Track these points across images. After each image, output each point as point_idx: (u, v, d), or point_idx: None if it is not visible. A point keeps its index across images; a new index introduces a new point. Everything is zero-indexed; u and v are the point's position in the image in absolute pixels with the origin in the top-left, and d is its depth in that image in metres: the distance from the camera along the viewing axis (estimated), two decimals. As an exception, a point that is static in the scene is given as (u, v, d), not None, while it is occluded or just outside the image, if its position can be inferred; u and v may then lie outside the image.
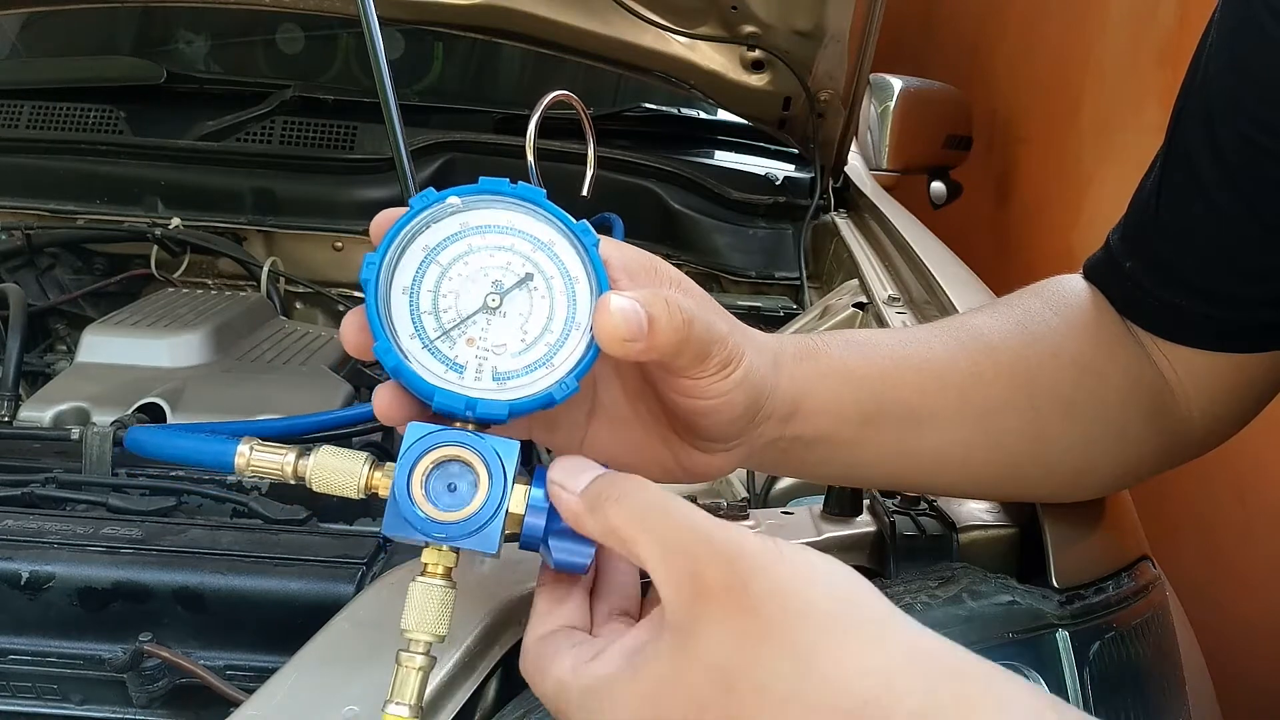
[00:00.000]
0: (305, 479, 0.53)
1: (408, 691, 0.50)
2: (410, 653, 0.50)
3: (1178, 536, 1.76)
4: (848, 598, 0.46)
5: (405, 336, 0.51)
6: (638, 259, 0.55)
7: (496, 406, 0.50)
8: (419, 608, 0.51)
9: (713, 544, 0.46)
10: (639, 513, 0.48)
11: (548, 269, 0.52)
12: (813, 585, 0.46)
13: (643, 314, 0.51)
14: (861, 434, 0.64)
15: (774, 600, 0.45)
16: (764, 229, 1.66)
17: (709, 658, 0.45)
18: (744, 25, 1.63)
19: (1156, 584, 0.78)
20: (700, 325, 0.53)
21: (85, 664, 0.70)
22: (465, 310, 0.52)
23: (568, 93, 0.58)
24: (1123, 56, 2.24)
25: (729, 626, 0.45)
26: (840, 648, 0.44)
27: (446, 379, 0.51)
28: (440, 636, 0.51)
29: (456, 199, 0.53)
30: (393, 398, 0.53)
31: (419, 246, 0.52)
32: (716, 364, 0.55)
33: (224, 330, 1.21)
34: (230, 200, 1.59)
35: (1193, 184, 0.67)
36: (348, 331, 0.53)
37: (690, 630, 0.45)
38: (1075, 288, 0.73)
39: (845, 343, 0.66)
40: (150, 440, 0.58)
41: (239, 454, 0.54)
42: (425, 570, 0.51)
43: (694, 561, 0.46)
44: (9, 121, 1.66)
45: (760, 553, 0.46)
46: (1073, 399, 0.69)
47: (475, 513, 0.50)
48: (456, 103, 1.85)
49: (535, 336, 0.52)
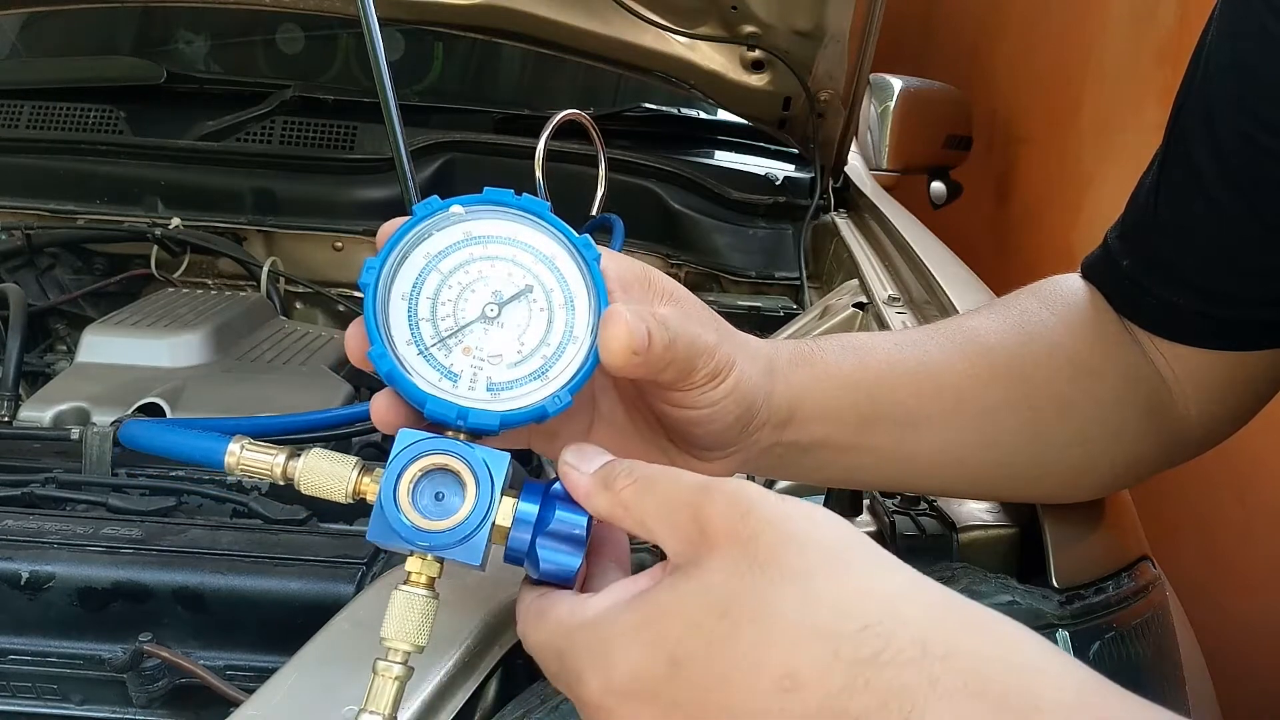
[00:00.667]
0: (294, 480, 0.53)
1: (383, 701, 0.49)
2: (388, 662, 0.50)
3: (1178, 536, 1.76)
4: (848, 534, 0.45)
5: (401, 342, 0.51)
6: (631, 270, 0.55)
7: (488, 417, 0.50)
8: (400, 617, 0.50)
9: (713, 490, 0.46)
10: (646, 482, 0.48)
11: (548, 281, 0.52)
12: (813, 521, 0.45)
13: (644, 328, 0.51)
14: (859, 438, 0.64)
15: (774, 528, 0.44)
16: (764, 229, 1.66)
17: (709, 585, 0.44)
18: (744, 25, 1.63)
19: (1156, 584, 0.78)
20: (684, 342, 0.53)
21: (85, 664, 0.70)
22: (463, 319, 0.51)
23: (579, 112, 0.59)
24: (1123, 56, 2.24)
25: (730, 556, 0.44)
26: (842, 571, 0.43)
27: (440, 387, 0.51)
28: (419, 647, 0.50)
29: (460, 208, 0.53)
30: (390, 404, 0.53)
31: (421, 253, 0.52)
32: (704, 376, 0.55)
33: (224, 330, 1.21)
34: (230, 200, 1.59)
35: (1192, 182, 0.67)
36: (351, 340, 0.53)
37: (693, 563, 0.45)
38: (1073, 287, 0.73)
39: (841, 347, 0.66)
40: (143, 434, 0.59)
41: (229, 452, 0.54)
42: (409, 579, 0.51)
43: (697, 509, 0.46)
44: (9, 121, 1.66)
45: (761, 493, 0.46)
46: (1070, 398, 0.69)
47: (461, 523, 0.50)
48: (456, 103, 1.85)
49: (532, 349, 0.52)
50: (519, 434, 0.56)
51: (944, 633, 0.41)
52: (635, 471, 0.49)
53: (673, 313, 0.54)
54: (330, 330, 1.34)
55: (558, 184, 0.54)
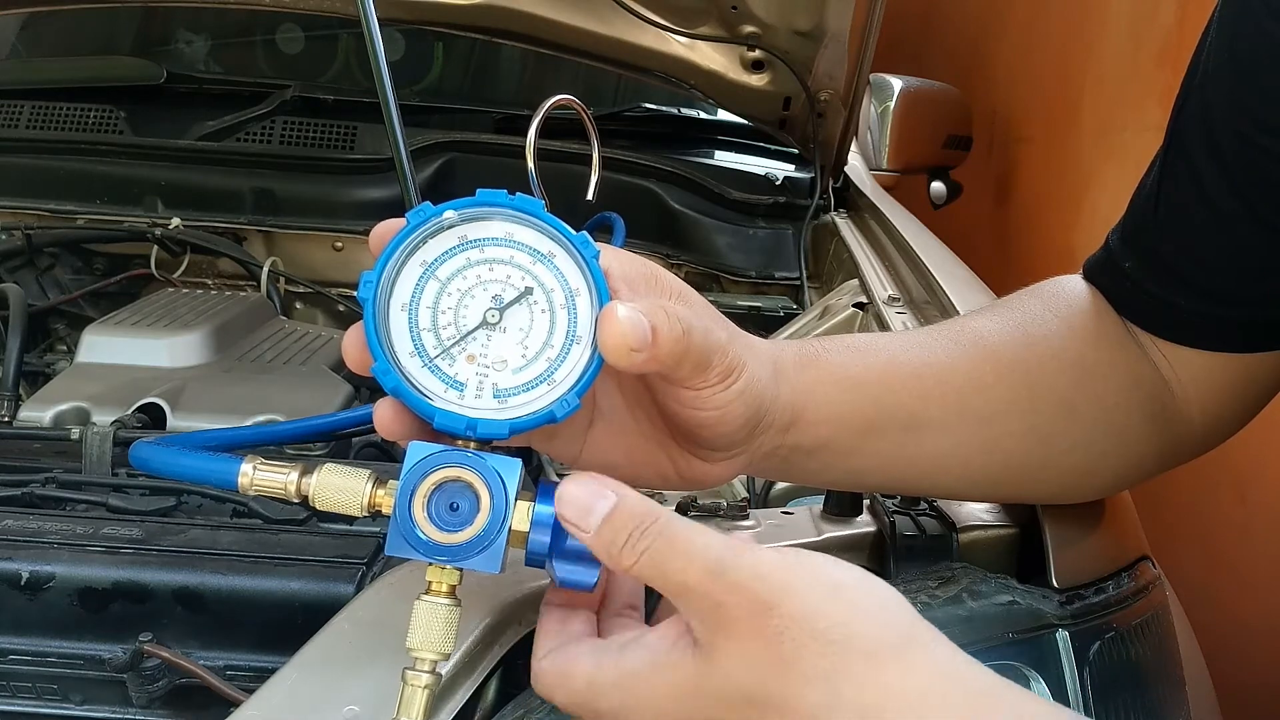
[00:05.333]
0: (309, 498, 0.53)
1: (414, 709, 0.50)
2: (416, 671, 0.51)
3: (1178, 536, 1.76)
4: (872, 615, 0.46)
5: (405, 355, 0.51)
6: (637, 268, 0.55)
7: (497, 426, 0.50)
8: (424, 627, 0.51)
9: (732, 577, 0.46)
10: (656, 560, 0.48)
11: (548, 282, 0.52)
12: (837, 605, 0.46)
13: (647, 323, 0.50)
14: (862, 441, 0.64)
15: (798, 626, 0.45)
16: (764, 229, 1.66)
17: (731, 673, 0.45)
18: (744, 25, 1.63)
19: (1156, 584, 0.78)
20: (699, 334, 0.53)
21: (85, 664, 0.70)
22: (465, 326, 0.51)
23: (569, 97, 0.58)
24: (1123, 56, 2.24)
25: (754, 655, 0.45)
26: (865, 672, 0.44)
27: (447, 398, 0.50)
28: (445, 654, 0.51)
29: (453, 213, 0.52)
30: (394, 414, 0.52)
31: (416, 262, 0.52)
32: (718, 374, 0.55)
33: (224, 330, 1.21)
34: (230, 200, 1.59)
35: (1192, 184, 0.67)
36: (349, 348, 0.53)
37: (716, 648, 0.46)
38: (1075, 289, 0.73)
39: (844, 348, 0.65)
40: (154, 457, 0.59)
41: (242, 474, 0.54)
42: (429, 589, 0.51)
43: (715, 597, 0.46)
44: (9, 121, 1.66)
45: (780, 572, 0.46)
46: (1072, 401, 0.69)
47: (478, 535, 0.50)
48: (456, 103, 1.85)
49: (536, 352, 0.51)
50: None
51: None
52: (639, 544, 0.48)
53: (684, 309, 0.54)
54: (330, 330, 1.34)
55: (557, 185, 0.54)
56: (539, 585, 0.62)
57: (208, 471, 0.57)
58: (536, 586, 0.63)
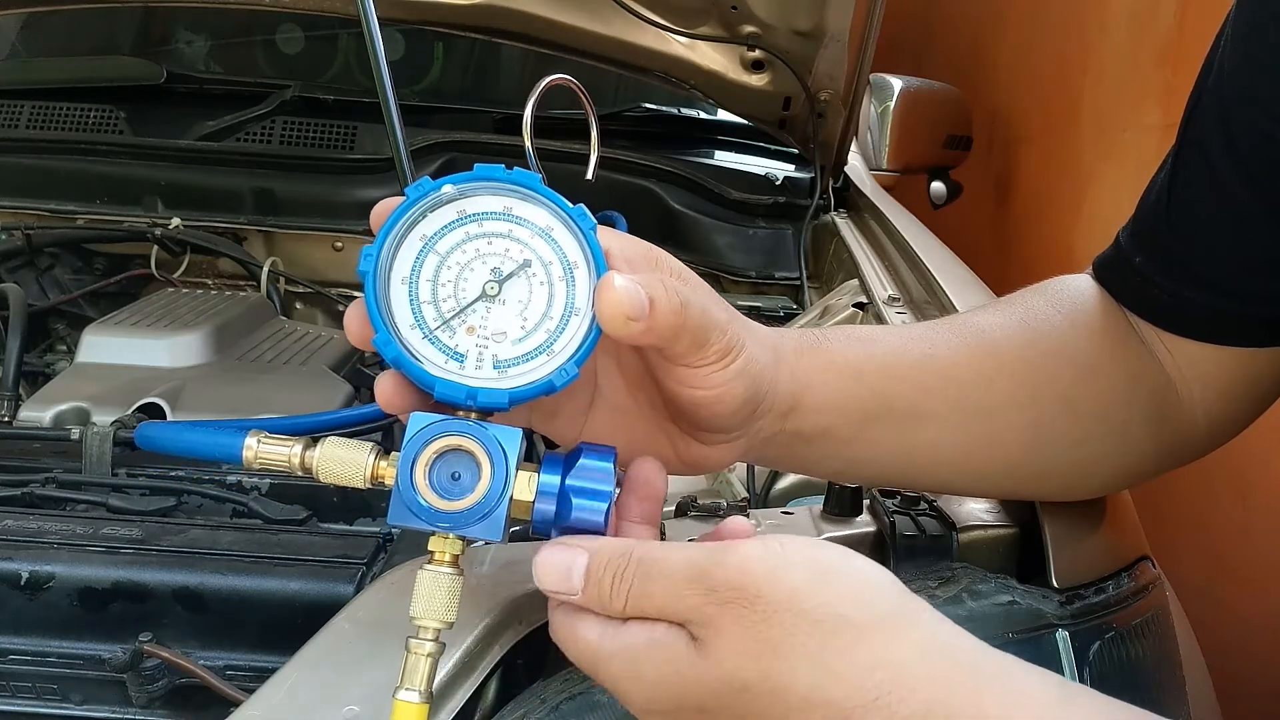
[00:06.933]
0: (312, 470, 0.54)
1: (418, 677, 0.51)
2: (419, 639, 0.51)
3: (1178, 536, 1.76)
4: (859, 594, 0.47)
5: (405, 327, 0.51)
6: (638, 249, 0.55)
7: (497, 395, 0.51)
8: (427, 595, 0.51)
9: (717, 577, 0.47)
10: (641, 593, 0.49)
11: (546, 255, 0.52)
12: (823, 586, 0.47)
13: (644, 294, 0.51)
14: (862, 430, 0.64)
15: (783, 609, 0.46)
16: (764, 229, 1.66)
17: (729, 669, 0.46)
18: (744, 25, 1.63)
19: (1156, 584, 0.78)
20: (696, 310, 0.53)
21: (85, 664, 0.70)
22: (464, 299, 0.52)
23: (566, 76, 0.59)
24: (1123, 56, 2.24)
25: (745, 645, 0.46)
26: (853, 647, 0.45)
27: (447, 369, 0.51)
28: (449, 623, 0.51)
29: (451, 187, 0.52)
30: (395, 386, 0.53)
31: (416, 236, 0.52)
32: (716, 352, 0.55)
33: (224, 330, 1.21)
34: (230, 200, 1.59)
35: (1207, 179, 0.67)
36: (351, 323, 0.53)
37: (710, 646, 0.47)
38: (1080, 287, 0.73)
39: (847, 338, 0.66)
40: (161, 435, 0.59)
41: (247, 446, 0.54)
42: (432, 558, 0.52)
43: (702, 601, 0.47)
44: (9, 121, 1.66)
45: (764, 561, 0.47)
46: (1074, 398, 0.69)
47: (479, 501, 0.50)
48: (456, 103, 1.85)
49: (535, 323, 0.52)
50: (519, 413, 0.56)
51: (948, 695, 0.45)
52: (621, 586, 0.49)
53: (683, 286, 0.54)
54: (330, 330, 1.34)
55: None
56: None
57: (213, 446, 0.57)
58: (536, 587, 0.63)
